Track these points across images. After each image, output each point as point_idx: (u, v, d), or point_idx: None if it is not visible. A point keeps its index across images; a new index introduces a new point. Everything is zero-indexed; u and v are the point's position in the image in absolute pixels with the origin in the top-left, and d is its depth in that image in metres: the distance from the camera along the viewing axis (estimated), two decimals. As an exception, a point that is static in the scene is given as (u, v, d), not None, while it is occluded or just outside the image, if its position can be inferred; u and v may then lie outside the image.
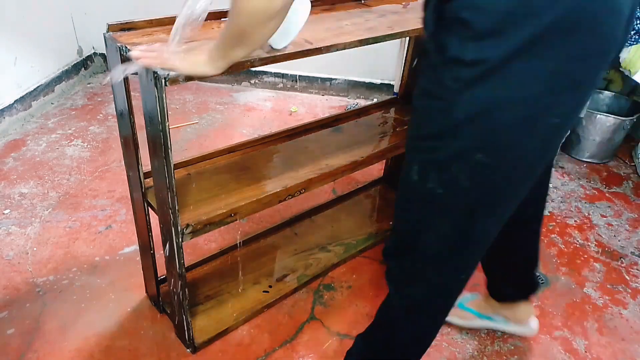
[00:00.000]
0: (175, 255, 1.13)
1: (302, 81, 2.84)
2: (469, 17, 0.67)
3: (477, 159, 0.75)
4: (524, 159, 0.77)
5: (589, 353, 1.38)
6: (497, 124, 0.73)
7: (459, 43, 0.69)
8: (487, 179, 0.78)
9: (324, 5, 1.42)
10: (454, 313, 1.41)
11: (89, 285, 1.49)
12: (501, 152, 0.75)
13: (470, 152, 0.75)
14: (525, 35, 0.65)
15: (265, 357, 1.31)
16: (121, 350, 1.30)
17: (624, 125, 2.22)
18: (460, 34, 0.69)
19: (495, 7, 0.65)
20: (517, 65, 0.67)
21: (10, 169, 2.01)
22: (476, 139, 0.74)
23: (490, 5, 0.65)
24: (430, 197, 0.82)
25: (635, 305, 1.55)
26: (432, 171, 0.80)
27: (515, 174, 0.79)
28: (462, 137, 0.75)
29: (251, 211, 1.21)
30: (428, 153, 0.81)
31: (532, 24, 0.65)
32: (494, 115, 0.72)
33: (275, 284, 1.50)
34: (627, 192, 2.13)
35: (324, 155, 1.42)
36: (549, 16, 0.64)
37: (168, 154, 0.99)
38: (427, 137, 0.80)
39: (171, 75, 0.89)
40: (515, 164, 0.77)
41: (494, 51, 0.67)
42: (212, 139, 2.30)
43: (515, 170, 0.79)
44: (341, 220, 1.80)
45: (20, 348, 1.29)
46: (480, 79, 0.69)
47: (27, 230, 1.69)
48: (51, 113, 2.48)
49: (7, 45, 2.29)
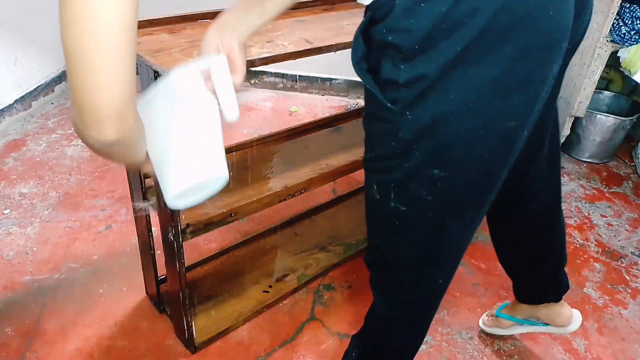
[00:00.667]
0: (175, 255, 1.13)
1: (302, 81, 2.84)
2: (397, 41, 0.66)
3: (433, 174, 0.74)
4: (483, 166, 0.76)
5: (589, 353, 1.38)
6: (447, 138, 0.71)
7: (391, 65, 0.69)
8: (448, 190, 0.77)
9: (324, 5, 1.42)
10: (493, 324, 1.39)
11: (89, 285, 1.49)
12: (457, 165, 0.74)
13: (425, 169, 0.74)
14: (456, 47, 0.64)
15: (265, 357, 1.31)
16: (121, 350, 1.30)
17: (624, 125, 2.22)
18: (392, 56, 0.68)
19: (419, 27, 0.64)
20: (454, 77, 0.66)
21: (10, 169, 2.01)
22: (428, 156, 0.73)
23: (414, 26, 0.64)
24: (395, 214, 0.81)
25: (635, 305, 1.55)
26: (391, 191, 0.79)
27: (477, 181, 0.78)
28: (413, 156, 0.74)
29: (251, 211, 1.21)
30: (384, 174, 0.80)
31: (460, 35, 0.63)
32: (441, 130, 0.70)
33: (275, 284, 1.50)
34: (627, 192, 2.13)
35: (324, 155, 1.42)
36: (476, 23, 0.62)
37: (168, 153, 0.99)
38: (380, 159, 0.80)
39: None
40: (474, 173, 0.76)
41: (427, 68, 0.66)
42: (212, 139, 2.30)
43: (477, 178, 0.77)
44: (341, 220, 1.80)
45: (20, 348, 1.29)
46: (420, 97, 0.68)
47: (27, 230, 1.69)
48: (51, 113, 2.48)
49: (7, 45, 2.29)
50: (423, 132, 0.71)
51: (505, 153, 0.76)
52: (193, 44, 1.06)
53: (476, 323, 1.44)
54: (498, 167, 0.78)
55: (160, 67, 0.91)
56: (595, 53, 1.97)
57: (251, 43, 1.10)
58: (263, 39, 1.12)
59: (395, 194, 0.79)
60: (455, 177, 0.75)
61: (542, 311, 1.28)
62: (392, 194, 0.80)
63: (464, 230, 0.85)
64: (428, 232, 0.83)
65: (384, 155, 0.78)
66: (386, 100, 0.71)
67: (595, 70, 2.01)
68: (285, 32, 1.19)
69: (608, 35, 1.94)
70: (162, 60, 0.96)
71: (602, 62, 2.00)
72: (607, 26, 1.91)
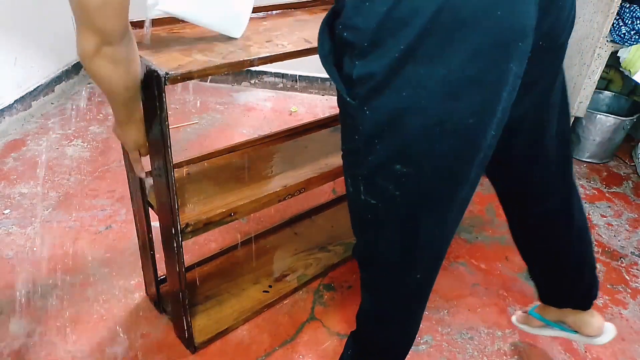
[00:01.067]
0: (175, 255, 1.13)
1: (302, 81, 2.84)
2: (350, 38, 0.69)
3: (397, 169, 0.75)
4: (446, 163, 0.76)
5: (589, 353, 1.38)
6: (404, 135, 0.72)
7: (349, 61, 0.71)
8: (414, 186, 0.77)
9: (324, 5, 1.42)
10: (524, 321, 1.34)
11: (89, 285, 1.49)
12: (418, 161, 0.75)
13: (388, 164, 0.76)
14: (400, 46, 0.65)
15: (265, 357, 1.31)
16: (121, 350, 1.30)
17: (624, 125, 2.22)
18: (349, 52, 0.70)
19: (367, 25, 0.66)
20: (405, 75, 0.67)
21: (10, 169, 2.01)
22: (389, 151, 0.74)
23: (362, 24, 0.67)
24: (368, 208, 0.83)
25: (635, 305, 1.55)
26: (361, 184, 0.81)
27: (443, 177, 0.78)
28: (375, 151, 0.75)
29: (251, 211, 1.21)
30: (353, 168, 0.82)
31: (404, 34, 0.65)
32: (398, 127, 0.72)
33: (275, 284, 1.50)
34: (627, 192, 2.13)
35: (324, 155, 1.42)
36: (417, 23, 0.63)
37: (168, 153, 0.99)
38: (348, 153, 0.82)
39: (171, 74, 0.90)
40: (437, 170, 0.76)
41: (377, 65, 0.68)
42: (212, 139, 2.30)
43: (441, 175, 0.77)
44: (341, 220, 1.80)
45: (20, 348, 1.29)
46: (375, 93, 0.70)
47: (27, 230, 1.69)
48: (51, 113, 2.48)
49: (7, 45, 2.29)
50: (382, 127, 0.73)
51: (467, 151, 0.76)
52: (194, 44, 1.06)
53: (476, 323, 1.44)
54: (462, 164, 0.78)
55: (160, 66, 0.91)
56: (595, 53, 1.97)
57: (251, 43, 1.10)
58: (263, 38, 1.12)
59: (364, 187, 0.81)
60: (419, 173, 0.76)
61: (570, 317, 1.23)
62: (361, 187, 0.81)
63: (440, 226, 0.85)
64: (401, 227, 0.83)
65: (351, 148, 0.81)
66: (346, 95, 0.73)
67: (595, 70, 2.01)
68: (285, 32, 1.19)
69: (608, 35, 1.94)
70: (162, 59, 0.96)
71: (602, 62, 2.00)
72: (607, 26, 1.91)
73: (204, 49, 1.04)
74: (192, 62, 0.96)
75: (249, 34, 1.14)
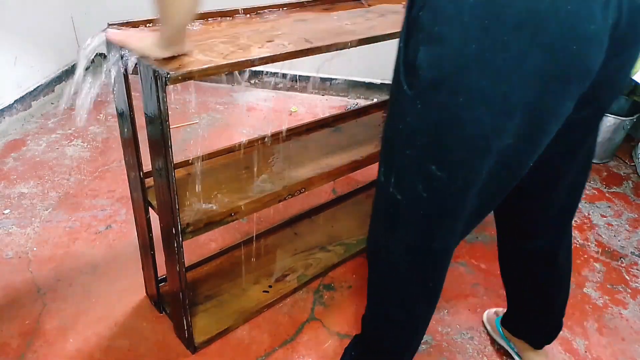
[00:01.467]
0: (175, 255, 1.13)
1: (302, 81, 2.84)
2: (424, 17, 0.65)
3: (431, 170, 0.74)
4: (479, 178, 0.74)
5: (589, 353, 1.38)
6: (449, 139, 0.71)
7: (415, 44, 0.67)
8: (442, 193, 0.76)
9: (324, 5, 1.42)
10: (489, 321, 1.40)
11: (89, 285, 1.49)
12: (454, 169, 0.73)
13: (424, 162, 0.74)
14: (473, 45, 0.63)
15: (265, 357, 1.31)
16: (121, 350, 1.30)
17: (624, 125, 2.22)
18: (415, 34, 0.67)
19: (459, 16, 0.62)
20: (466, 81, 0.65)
21: (10, 169, 2.01)
22: (428, 150, 0.73)
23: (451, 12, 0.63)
24: (392, 202, 0.82)
25: (635, 305, 1.55)
26: (392, 176, 0.80)
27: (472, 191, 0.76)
28: (415, 145, 0.74)
29: (251, 211, 1.21)
30: (389, 156, 0.80)
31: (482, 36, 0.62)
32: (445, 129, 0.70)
33: (275, 284, 1.50)
34: (627, 192, 2.13)
35: (324, 155, 1.42)
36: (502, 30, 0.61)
37: (168, 153, 0.99)
38: (388, 140, 0.80)
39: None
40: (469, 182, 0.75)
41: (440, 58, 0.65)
42: (212, 139, 2.30)
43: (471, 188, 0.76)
44: (341, 220, 1.80)
45: (20, 348, 1.29)
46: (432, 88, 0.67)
47: (27, 230, 1.69)
48: (51, 113, 2.48)
49: (7, 45, 2.29)
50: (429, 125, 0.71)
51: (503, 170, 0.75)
52: (194, 44, 1.06)
53: (476, 323, 1.44)
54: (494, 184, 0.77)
55: (161, 67, 0.91)
56: (595, 53, 1.97)
57: (251, 43, 1.10)
58: (263, 38, 1.12)
59: (395, 179, 0.80)
60: (451, 181, 0.74)
61: (521, 347, 1.28)
62: (392, 179, 0.80)
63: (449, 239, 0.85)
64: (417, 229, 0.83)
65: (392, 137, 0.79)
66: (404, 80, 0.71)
67: (595, 70, 2.01)
68: (285, 32, 1.19)
69: (608, 35, 1.94)
70: (163, 59, 0.96)
71: (602, 62, 2.00)
72: (607, 26, 1.90)
73: (205, 49, 1.04)
74: (192, 62, 0.96)
75: (249, 34, 1.14)
